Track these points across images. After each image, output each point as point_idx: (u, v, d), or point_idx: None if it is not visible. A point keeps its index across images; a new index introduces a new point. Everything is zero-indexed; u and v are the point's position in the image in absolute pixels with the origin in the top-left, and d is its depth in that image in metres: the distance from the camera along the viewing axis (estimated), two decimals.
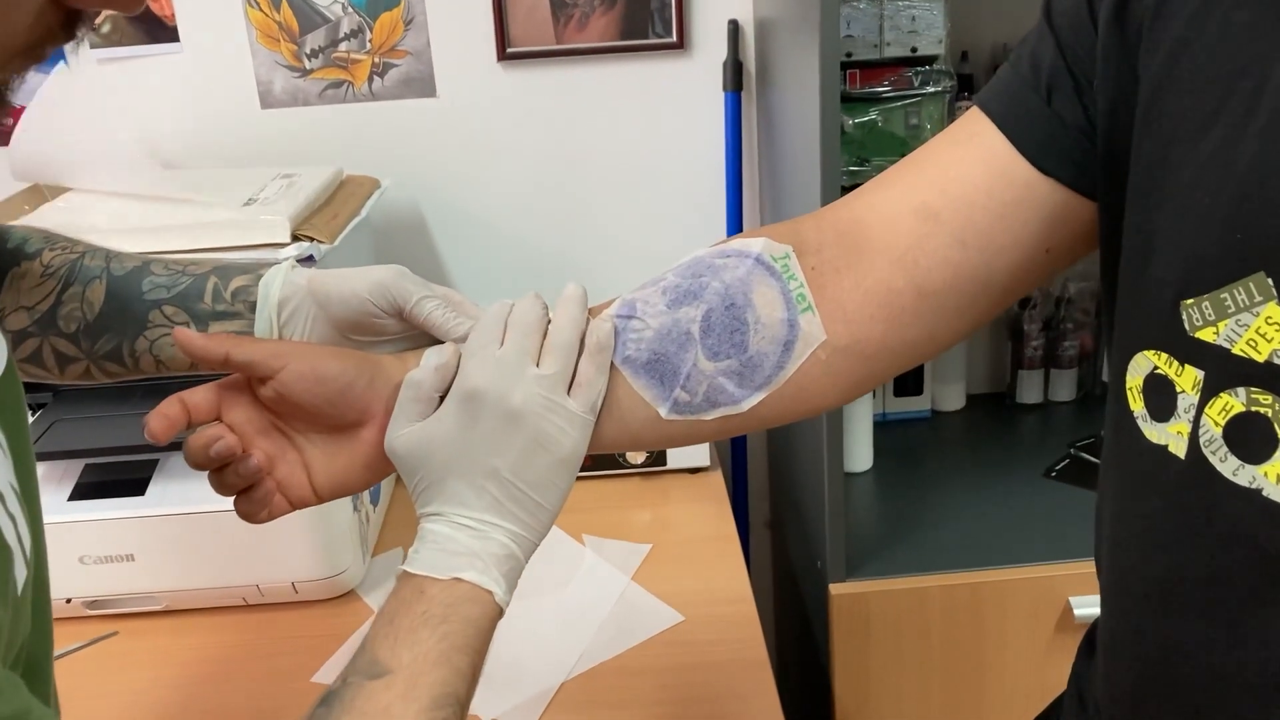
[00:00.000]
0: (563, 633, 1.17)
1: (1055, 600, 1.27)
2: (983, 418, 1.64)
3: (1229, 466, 0.52)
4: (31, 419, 1.26)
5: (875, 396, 1.60)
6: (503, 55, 1.53)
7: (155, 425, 0.66)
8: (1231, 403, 0.52)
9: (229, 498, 0.70)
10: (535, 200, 1.61)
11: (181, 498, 1.18)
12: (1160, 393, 0.56)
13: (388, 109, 1.56)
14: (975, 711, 1.32)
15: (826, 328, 0.67)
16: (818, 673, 1.37)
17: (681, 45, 1.54)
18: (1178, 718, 0.58)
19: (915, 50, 1.37)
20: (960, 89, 1.42)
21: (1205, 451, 0.53)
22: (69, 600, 1.21)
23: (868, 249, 0.67)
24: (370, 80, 1.55)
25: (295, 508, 0.70)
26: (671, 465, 1.47)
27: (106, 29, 1.52)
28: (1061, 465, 1.48)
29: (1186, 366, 0.54)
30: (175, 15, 1.51)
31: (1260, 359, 0.50)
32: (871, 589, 1.28)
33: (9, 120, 1.54)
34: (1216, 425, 0.52)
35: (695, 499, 1.43)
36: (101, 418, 1.23)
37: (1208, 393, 0.53)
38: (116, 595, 1.22)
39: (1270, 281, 0.49)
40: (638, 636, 1.16)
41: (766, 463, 1.76)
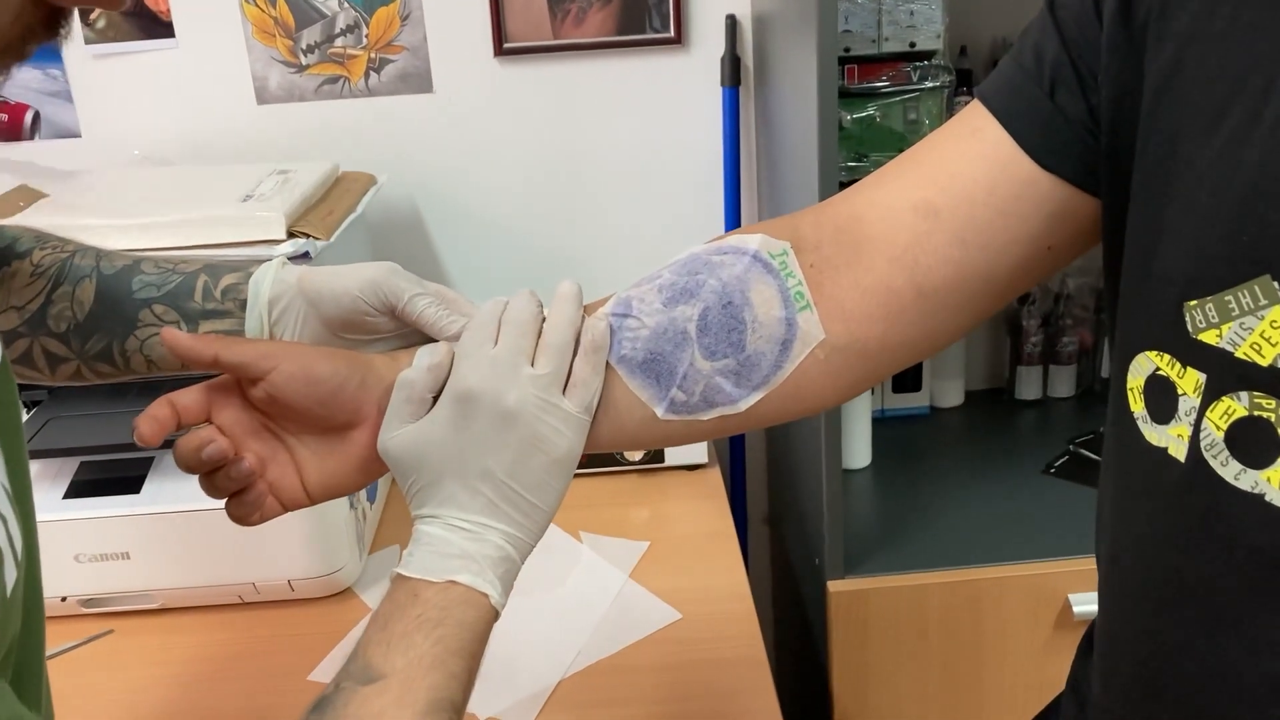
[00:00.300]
0: (560, 630, 1.16)
1: (1054, 597, 1.27)
2: (982, 414, 1.64)
3: (1230, 471, 0.51)
4: (26, 417, 1.26)
5: (874, 393, 1.60)
6: (500, 51, 1.53)
7: (144, 428, 0.65)
8: (1234, 407, 0.51)
9: (220, 500, 0.69)
10: (532, 196, 1.61)
11: (177, 495, 1.17)
12: (1161, 394, 0.55)
13: (384, 105, 1.55)
14: (974, 709, 1.32)
15: (825, 326, 0.66)
16: (816, 670, 1.37)
17: (679, 40, 1.53)
18: None
19: (913, 45, 1.37)
20: (959, 84, 1.42)
21: (1206, 455, 0.52)
22: (64, 598, 1.20)
23: (867, 246, 0.66)
24: (366, 76, 1.54)
25: (287, 509, 0.70)
26: (669, 462, 1.47)
27: (102, 25, 1.51)
28: (1060, 461, 1.47)
29: (1188, 369, 0.53)
30: (171, 11, 1.51)
31: (1264, 363, 0.49)
32: (870, 586, 1.27)
33: (2, 116, 1.54)
34: (1218, 429, 0.52)
35: (693, 496, 1.42)
36: (96, 415, 1.23)
37: (1209, 396, 0.52)
38: (112, 593, 1.21)
39: (1276, 284, 0.49)
40: (635, 634, 1.16)
41: (765, 460, 1.75)
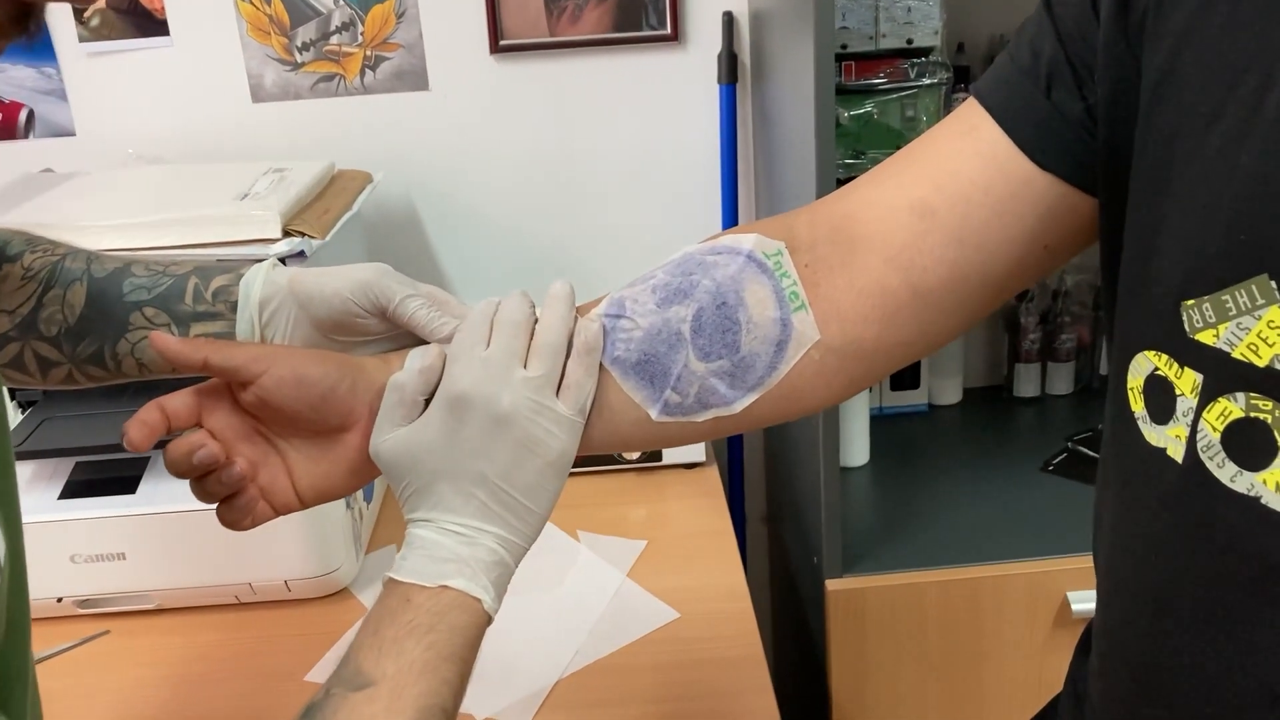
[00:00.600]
0: (557, 630, 1.16)
1: (1053, 595, 1.27)
2: (980, 411, 1.63)
3: (1227, 473, 0.51)
4: (21, 417, 1.25)
5: (872, 390, 1.59)
6: (495, 48, 1.52)
7: (134, 433, 0.64)
8: (1230, 408, 0.50)
9: (211, 505, 0.69)
10: (529, 194, 1.60)
11: (173, 496, 1.17)
12: (1160, 395, 0.54)
13: (380, 102, 1.55)
14: (972, 708, 1.32)
15: (820, 327, 0.65)
16: (814, 669, 1.37)
17: (675, 37, 1.53)
18: None
19: (911, 42, 1.36)
20: (956, 81, 1.41)
21: (1203, 457, 0.52)
22: (60, 599, 1.20)
23: (862, 246, 0.66)
24: (362, 73, 1.53)
25: (279, 514, 0.69)
26: (667, 461, 1.46)
27: (96, 23, 1.50)
28: (1059, 459, 1.47)
29: (1186, 369, 0.52)
30: (165, 9, 1.50)
31: (1261, 364, 0.49)
32: (868, 584, 1.27)
33: None
34: (1214, 431, 0.51)
35: (691, 495, 1.42)
36: (92, 416, 1.22)
37: (1206, 397, 0.51)
38: (108, 594, 1.21)
39: (1274, 284, 0.48)
40: (633, 634, 1.15)
41: (763, 458, 1.75)
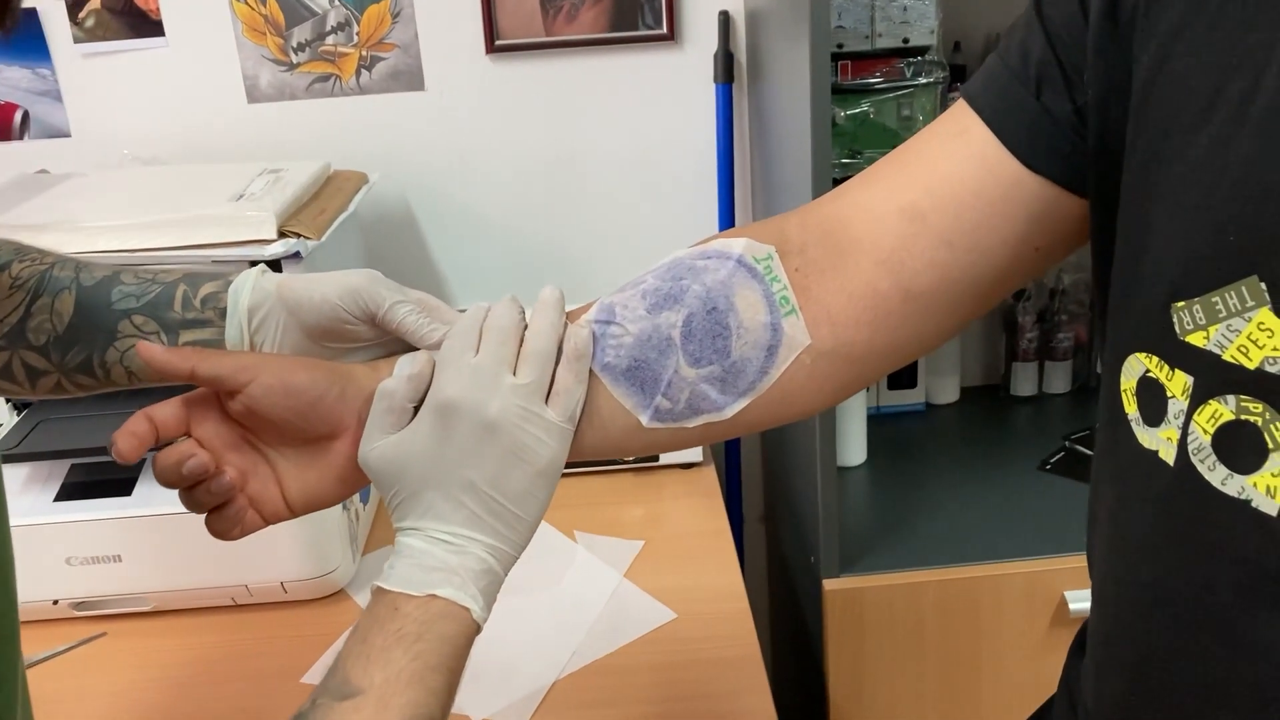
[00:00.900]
0: (554, 631, 1.16)
1: (1050, 594, 1.27)
2: (977, 410, 1.63)
3: (1217, 476, 0.51)
4: (17, 419, 1.25)
5: (869, 390, 1.59)
6: (491, 48, 1.52)
7: (123, 444, 0.64)
8: (1221, 410, 0.50)
9: (200, 515, 0.68)
10: (525, 194, 1.60)
11: (168, 498, 1.13)
12: (1152, 397, 0.54)
13: (376, 102, 1.55)
14: (970, 707, 1.32)
15: (811, 331, 0.65)
16: (812, 669, 1.37)
17: (672, 37, 1.53)
18: None
19: (907, 41, 1.36)
20: (953, 80, 1.41)
21: (1194, 460, 0.52)
22: (56, 601, 1.20)
23: (852, 249, 0.65)
24: (358, 74, 1.53)
25: (269, 523, 0.69)
26: (664, 461, 1.46)
27: (91, 24, 1.50)
28: (1056, 458, 1.47)
29: (1176, 371, 0.52)
30: (160, 9, 1.50)
31: (1251, 366, 0.49)
32: (866, 584, 1.27)
33: None
34: (1205, 433, 0.51)
35: (688, 494, 1.42)
36: (87, 418, 1.22)
37: (1197, 399, 0.51)
38: (104, 596, 1.20)
39: (1263, 286, 0.48)
40: (630, 634, 1.15)
41: (760, 457, 1.75)
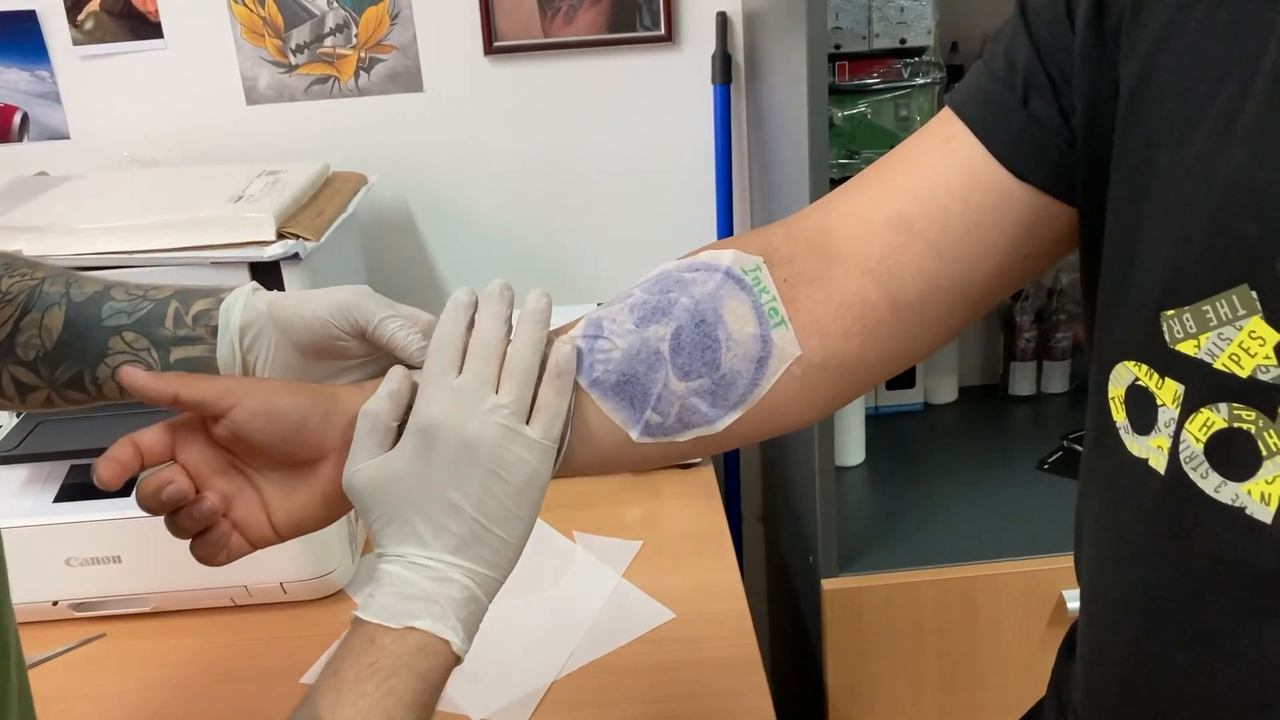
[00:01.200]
0: (553, 631, 1.16)
1: (1048, 593, 1.27)
2: (975, 410, 1.64)
3: (1210, 484, 0.50)
4: (16, 420, 1.25)
5: None
6: (490, 49, 1.52)
7: (105, 471, 0.63)
8: (1213, 418, 0.50)
9: (185, 540, 0.67)
10: (524, 195, 1.60)
11: None
12: (1141, 405, 0.54)
13: (374, 104, 1.55)
14: (969, 706, 1.32)
15: (801, 343, 0.65)
16: (810, 668, 1.37)
17: (669, 38, 1.53)
18: None
19: (904, 42, 1.36)
20: (950, 80, 1.41)
21: (1186, 468, 0.51)
22: (55, 603, 1.20)
23: (840, 260, 0.65)
24: (356, 75, 1.53)
25: (255, 548, 0.68)
26: None
27: (90, 26, 1.50)
28: (1054, 457, 1.47)
29: (1167, 380, 0.52)
30: (159, 11, 1.50)
31: (1243, 375, 0.48)
32: (864, 584, 1.27)
33: None
34: (1197, 441, 0.51)
35: (686, 494, 1.42)
36: (86, 419, 1.22)
37: (1188, 407, 0.51)
38: (104, 597, 1.21)
39: (1254, 295, 0.48)
40: (629, 634, 1.15)
41: (758, 458, 1.75)
